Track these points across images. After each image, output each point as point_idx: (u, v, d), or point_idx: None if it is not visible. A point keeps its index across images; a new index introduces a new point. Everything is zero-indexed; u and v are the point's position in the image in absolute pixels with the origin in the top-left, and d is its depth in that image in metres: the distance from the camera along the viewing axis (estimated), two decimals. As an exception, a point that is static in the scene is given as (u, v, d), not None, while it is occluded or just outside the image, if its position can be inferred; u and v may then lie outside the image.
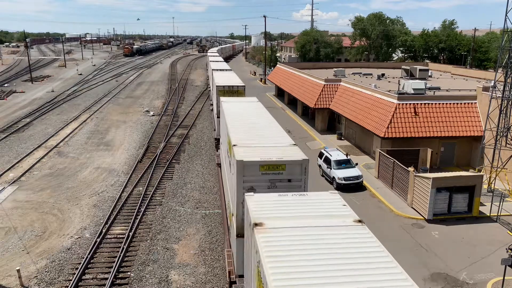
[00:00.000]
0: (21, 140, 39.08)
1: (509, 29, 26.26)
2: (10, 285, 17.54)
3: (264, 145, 13.66)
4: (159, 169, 31.58)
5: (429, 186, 23.28)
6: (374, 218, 23.61)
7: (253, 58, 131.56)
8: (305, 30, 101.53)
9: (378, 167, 29.91)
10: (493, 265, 18.92)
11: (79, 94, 64.95)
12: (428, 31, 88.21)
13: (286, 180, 12.18)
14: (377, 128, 32.14)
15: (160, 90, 71.17)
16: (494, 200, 24.66)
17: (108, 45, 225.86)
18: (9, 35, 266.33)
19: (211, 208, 25.29)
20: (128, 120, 48.03)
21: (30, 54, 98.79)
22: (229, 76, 36.58)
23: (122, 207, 24.88)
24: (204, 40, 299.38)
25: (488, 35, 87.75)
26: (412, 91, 35.25)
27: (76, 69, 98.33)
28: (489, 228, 22.97)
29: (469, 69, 59.90)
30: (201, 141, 39.73)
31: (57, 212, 24.40)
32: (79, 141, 39.15)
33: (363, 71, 56.43)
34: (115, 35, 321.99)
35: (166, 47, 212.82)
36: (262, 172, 12.02)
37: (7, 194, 26.87)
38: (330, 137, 41.36)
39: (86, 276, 18.15)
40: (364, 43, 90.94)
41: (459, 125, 31.83)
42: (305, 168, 12.18)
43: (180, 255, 20.02)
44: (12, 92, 65.40)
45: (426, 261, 19.56)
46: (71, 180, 29.46)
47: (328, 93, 43.57)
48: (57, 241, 21.10)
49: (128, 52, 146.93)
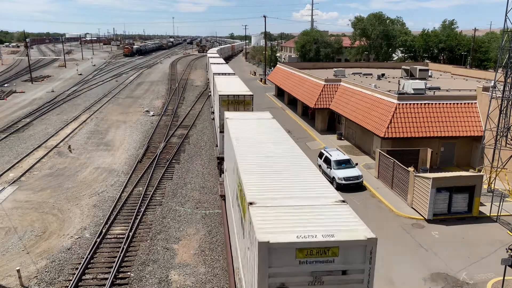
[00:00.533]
0: (21, 140, 39.08)
1: (509, 29, 26.25)
2: (10, 285, 17.53)
3: (296, 202, 9.13)
4: (159, 169, 31.57)
5: (429, 186, 23.28)
6: (374, 218, 23.60)
7: (253, 58, 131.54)
8: (305, 30, 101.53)
9: (378, 167, 29.90)
10: (493, 265, 18.90)
11: (79, 94, 64.95)
12: (428, 31, 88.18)
13: (339, 272, 7.88)
14: (377, 128, 32.14)
15: (160, 90, 71.17)
16: (494, 200, 24.65)
17: (108, 45, 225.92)
18: (9, 35, 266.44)
19: (211, 208, 25.29)
20: (128, 120, 48.03)
21: (30, 54, 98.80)
22: (234, 82, 32.68)
23: (122, 207, 24.88)
24: (204, 40, 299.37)
25: (488, 35, 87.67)
26: (412, 91, 35.25)
27: (76, 69, 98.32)
28: (489, 228, 22.96)
29: (469, 69, 59.89)
30: (201, 141, 39.73)
31: (57, 212, 24.40)
32: (79, 141, 39.15)
33: (363, 71, 56.42)
34: (115, 35, 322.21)
35: (166, 47, 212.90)
36: (300, 259, 7.66)
37: (7, 194, 26.87)
38: (330, 137, 41.36)
39: (86, 276, 18.15)
40: (364, 43, 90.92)
41: (459, 125, 31.82)
42: (370, 253, 7.84)
43: (180, 255, 20.02)
44: (12, 92, 65.39)
45: (426, 261, 19.56)
46: (71, 180, 29.46)
47: (328, 93, 43.56)
48: (57, 241, 21.10)
49: (128, 52, 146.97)
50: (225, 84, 30.21)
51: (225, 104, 24.22)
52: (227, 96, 24.69)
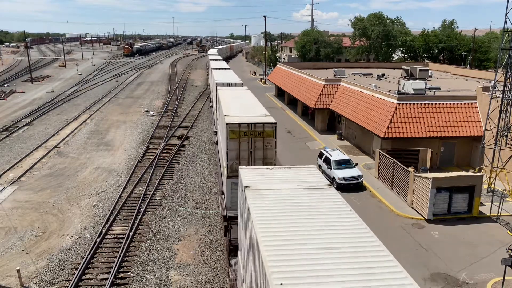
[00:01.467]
0: (21, 140, 39.09)
1: (509, 29, 26.26)
2: (10, 285, 17.54)
3: None
4: (159, 169, 31.57)
5: (429, 186, 23.28)
6: (374, 218, 23.61)
7: (253, 58, 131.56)
8: (305, 30, 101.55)
9: (378, 167, 29.91)
10: (493, 265, 18.91)
11: (79, 94, 64.96)
12: (428, 31, 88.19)
13: None
14: (377, 128, 32.14)
15: (160, 90, 71.18)
16: (494, 200, 24.67)
17: (108, 45, 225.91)
18: (9, 35, 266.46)
19: (211, 208, 25.29)
20: (128, 120, 48.04)
21: (30, 54, 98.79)
22: (246, 99, 23.88)
23: (122, 207, 24.88)
24: (204, 40, 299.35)
25: (488, 35, 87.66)
26: (412, 91, 35.25)
27: (76, 69, 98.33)
28: (489, 228, 22.96)
29: (469, 69, 59.90)
30: (201, 141, 39.73)
31: (57, 212, 24.40)
32: (79, 141, 39.16)
33: (363, 71, 56.43)
34: (115, 35, 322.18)
35: (166, 47, 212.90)
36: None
37: (7, 194, 26.87)
38: (330, 137, 41.36)
39: (86, 276, 18.15)
40: (364, 43, 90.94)
41: (459, 125, 31.83)
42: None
43: (180, 255, 20.03)
44: (12, 92, 65.41)
45: (426, 261, 19.56)
46: (71, 180, 29.46)
47: (328, 93, 43.57)
48: (57, 241, 21.10)
49: (128, 52, 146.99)
50: (233, 103, 22.28)
51: (236, 137, 17.50)
52: (238, 126, 17.39)
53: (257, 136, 17.67)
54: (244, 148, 17.58)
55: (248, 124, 17.44)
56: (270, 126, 17.69)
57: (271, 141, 17.80)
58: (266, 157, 17.77)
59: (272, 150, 17.80)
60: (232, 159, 17.49)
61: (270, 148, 17.75)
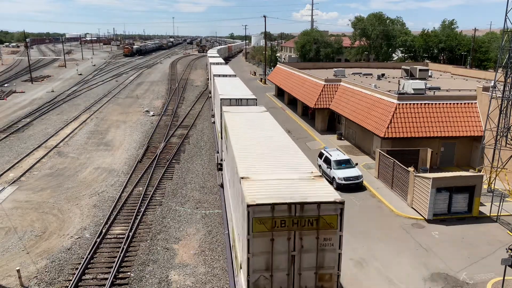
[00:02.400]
0: (21, 140, 39.09)
1: (509, 29, 26.25)
2: (10, 285, 17.53)
3: None
4: (159, 169, 31.57)
5: (429, 186, 23.28)
6: (374, 218, 23.61)
7: (253, 58, 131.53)
8: (305, 30, 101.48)
9: (378, 167, 29.90)
10: (493, 265, 18.91)
11: (79, 94, 64.96)
12: (428, 31, 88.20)
13: None
14: (377, 128, 32.14)
15: (160, 90, 71.18)
16: (494, 200, 24.66)
17: (108, 45, 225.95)
18: (9, 35, 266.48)
19: (211, 208, 25.29)
20: (128, 120, 48.04)
21: (30, 54, 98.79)
22: (265, 129, 17.26)
23: (122, 207, 24.88)
24: (204, 40, 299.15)
25: (488, 35, 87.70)
26: (412, 91, 35.26)
27: (76, 69, 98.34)
28: (489, 228, 22.96)
29: (469, 69, 59.89)
30: (201, 141, 39.73)
31: (57, 212, 24.39)
32: (79, 141, 39.16)
33: (363, 71, 56.42)
34: (115, 35, 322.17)
35: (166, 47, 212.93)
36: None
37: (7, 194, 26.87)
38: (330, 137, 41.36)
39: (86, 276, 18.14)
40: (364, 43, 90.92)
41: (459, 125, 31.83)
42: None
43: (180, 255, 20.02)
44: (12, 92, 65.41)
45: (426, 261, 19.55)
46: (71, 180, 29.46)
47: (328, 93, 43.56)
48: (57, 241, 21.10)
49: (128, 52, 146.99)
50: (248, 146, 14.80)
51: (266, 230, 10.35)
52: (270, 210, 10.15)
53: (305, 226, 10.38)
54: (280, 250, 10.64)
55: (289, 205, 10.00)
56: (331, 208, 10.24)
57: (331, 235, 10.65)
58: (323, 266, 10.99)
59: (334, 252, 10.88)
60: (258, 270, 10.73)
61: (329, 248, 10.84)
